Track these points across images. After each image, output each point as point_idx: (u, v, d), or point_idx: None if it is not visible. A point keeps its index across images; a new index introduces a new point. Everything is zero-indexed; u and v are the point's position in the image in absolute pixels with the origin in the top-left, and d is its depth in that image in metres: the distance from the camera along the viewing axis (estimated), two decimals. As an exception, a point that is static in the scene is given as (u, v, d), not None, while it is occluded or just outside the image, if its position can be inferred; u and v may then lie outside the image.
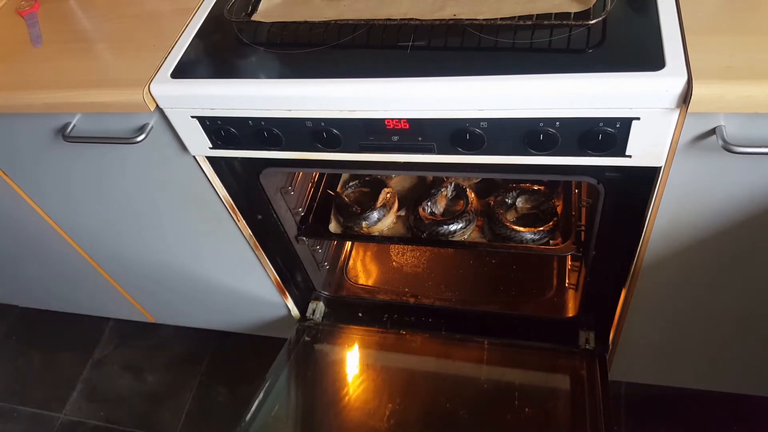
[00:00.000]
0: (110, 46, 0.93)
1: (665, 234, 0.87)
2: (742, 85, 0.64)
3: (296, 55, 0.83)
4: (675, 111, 0.69)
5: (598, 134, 0.74)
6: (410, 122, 0.79)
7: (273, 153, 0.89)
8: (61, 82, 0.88)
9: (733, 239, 0.85)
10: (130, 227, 1.18)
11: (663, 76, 0.67)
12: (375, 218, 1.22)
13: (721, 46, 0.68)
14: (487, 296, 1.35)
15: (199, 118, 0.85)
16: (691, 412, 1.29)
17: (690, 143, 0.73)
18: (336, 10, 0.85)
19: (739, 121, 0.69)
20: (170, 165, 0.97)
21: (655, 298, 1.01)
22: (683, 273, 0.94)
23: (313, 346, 1.30)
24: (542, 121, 0.74)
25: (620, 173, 0.81)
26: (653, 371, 1.25)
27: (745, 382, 1.20)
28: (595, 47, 0.73)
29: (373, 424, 1.13)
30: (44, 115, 0.93)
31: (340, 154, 0.87)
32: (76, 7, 1.04)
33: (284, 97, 0.80)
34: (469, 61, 0.76)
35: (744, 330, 1.03)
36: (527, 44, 0.75)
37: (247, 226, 1.11)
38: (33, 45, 0.97)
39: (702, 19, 0.72)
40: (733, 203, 0.80)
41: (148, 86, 0.83)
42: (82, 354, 1.70)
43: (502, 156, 0.81)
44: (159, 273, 1.33)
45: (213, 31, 0.90)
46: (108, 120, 0.91)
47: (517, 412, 1.10)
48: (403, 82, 0.75)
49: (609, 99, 0.70)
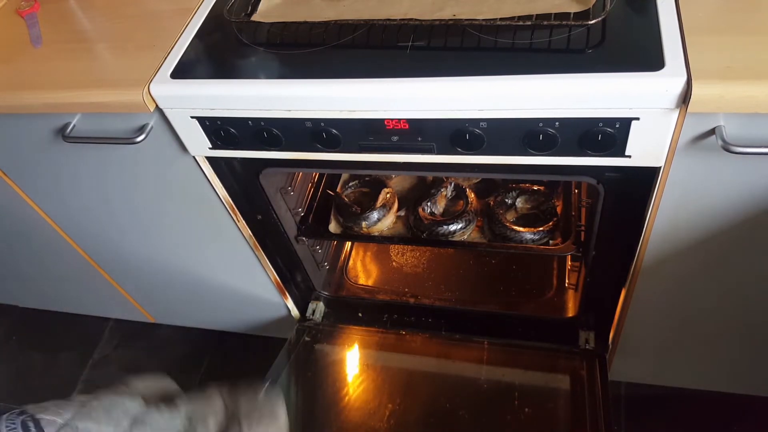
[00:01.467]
0: (110, 46, 0.93)
1: (665, 234, 0.87)
2: (741, 85, 0.64)
3: (296, 56, 0.83)
4: (674, 111, 0.69)
5: (598, 134, 0.74)
6: (410, 122, 0.79)
7: (273, 153, 0.89)
8: (60, 83, 0.88)
9: (732, 239, 0.85)
10: (129, 227, 1.18)
11: (662, 77, 0.67)
12: (375, 218, 1.22)
13: (721, 47, 0.68)
14: (487, 296, 1.35)
15: (199, 118, 0.85)
16: (691, 412, 1.29)
17: (689, 143, 0.73)
18: (336, 11, 0.85)
19: (739, 121, 0.69)
20: (170, 165, 0.97)
21: (655, 298, 1.01)
22: (683, 273, 0.94)
23: (313, 346, 1.30)
24: (542, 121, 0.74)
25: (620, 173, 0.81)
26: (653, 371, 1.25)
27: (745, 382, 1.20)
28: (595, 47, 0.73)
29: (374, 424, 1.13)
30: (44, 116, 0.93)
31: (340, 155, 0.87)
32: (76, 7, 1.04)
33: (284, 98, 0.80)
34: (468, 61, 0.77)
35: (744, 330, 1.03)
36: (527, 44, 0.75)
37: (246, 227, 1.11)
38: (33, 45, 0.97)
39: (701, 19, 0.72)
40: (732, 203, 0.80)
41: (148, 86, 0.83)
42: (82, 354, 1.70)
43: (501, 156, 0.81)
44: (159, 273, 1.33)
45: (213, 32, 0.90)
46: (108, 120, 0.91)
47: (517, 412, 1.10)
48: (402, 83, 0.75)
49: (608, 99, 0.70)
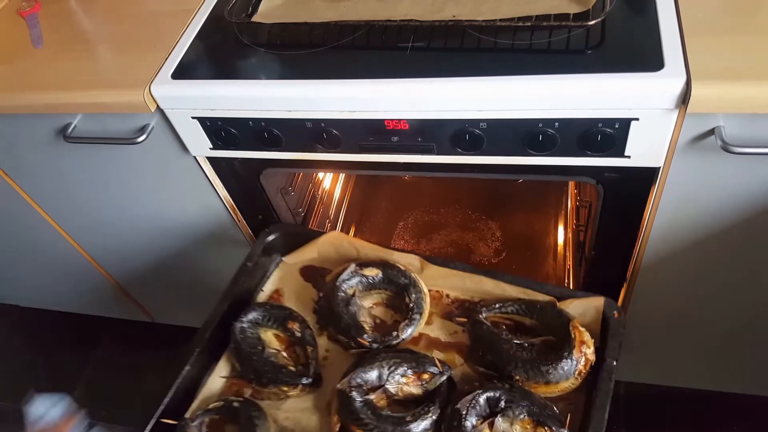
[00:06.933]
0: (111, 46, 0.94)
1: (664, 234, 0.87)
2: (740, 85, 0.65)
3: (296, 56, 0.83)
4: (674, 111, 0.69)
5: (597, 135, 0.74)
6: (410, 123, 0.79)
7: (273, 153, 0.89)
8: (61, 83, 0.88)
9: (731, 239, 0.85)
10: (130, 228, 1.19)
11: (662, 77, 0.67)
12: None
13: (720, 47, 0.69)
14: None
15: (200, 118, 0.86)
16: (691, 412, 1.29)
17: (689, 144, 0.73)
18: (336, 11, 0.85)
19: (738, 121, 0.69)
20: (171, 166, 0.98)
21: (654, 298, 1.01)
22: (682, 273, 0.94)
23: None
24: (541, 121, 0.74)
25: (619, 174, 0.82)
26: (653, 371, 1.25)
27: (744, 382, 1.20)
28: (594, 48, 0.73)
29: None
30: (45, 116, 0.93)
31: (340, 155, 0.87)
32: (77, 7, 1.04)
33: (284, 98, 0.80)
34: (468, 61, 0.77)
35: (743, 330, 1.04)
36: (526, 45, 0.76)
37: (247, 227, 1.11)
38: (34, 46, 0.97)
39: (701, 20, 0.72)
40: (731, 203, 0.80)
41: (149, 87, 0.83)
42: (82, 354, 1.71)
43: (501, 156, 0.81)
44: (159, 273, 1.33)
45: (213, 32, 0.91)
46: (109, 120, 0.91)
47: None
48: (402, 83, 0.75)
49: (608, 100, 0.70)
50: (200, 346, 0.83)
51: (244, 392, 0.83)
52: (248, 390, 0.82)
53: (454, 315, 0.85)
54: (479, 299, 0.85)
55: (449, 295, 0.88)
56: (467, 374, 0.80)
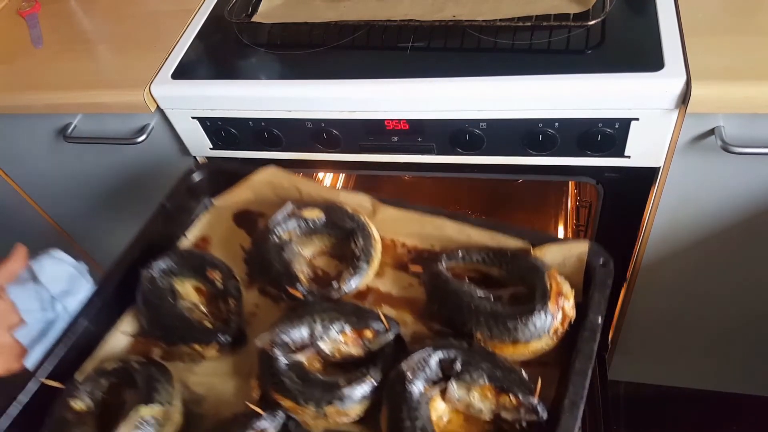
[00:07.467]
0: (111, 46, 0.94)
1: (664, 233, 0.87)
2: (740, 85, 0.65)
3: (296, 56, 0.83)
4: (674, 111, 0.69)
5: (597, 135, 0.74)
6: (410, 123, 0.79)
7: (273, 154, 0.89)
8: (62, 83, 0.89)
9: (731, 239, 0.85)
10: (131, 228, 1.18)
11: (662, 77, 0.67)
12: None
13: (720, 47, 0.69)
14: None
15: (200, 118, 0.86)
16: (691, 412, 1.29)
17: (689, 144, 0.73)
18: (336, 11, 0.85)
19: (738, 121, 0.69)
20: (171, 166, 0.98)
21: (654, 298, 1.01)
22: (682, 272, 0.94)
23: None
24: (541, 121, 0.74)
25: (619, 173, 0.82)
26: (653, 371, 1.25)
27: (744, 382, 1.20)
28: (594, 48, 0.73)
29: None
30: (45, 116, 0.93)
31: (340, 155, 0.87)
32: (77, 8, 1.04)
33: (284, 98, 0.80)
34: (468, 61, 0.77)
35: (743, 329, 1.04)
36: (526, 45, 0.76)
37: (247, 227, 1.11)
38: (34, 46, 0.97)
39: (701, 20, 0.72)
40: (731, 203, 0.80)
41: (149, 87, 0.83)
42: (83, 354, 1.70)
43: (501, 156, 0.81)
44: (159, 273, 1.33)
45: (213, 32, 0.91)
46: (109, 121, 0.91)
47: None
48: (402, 83, 0.75)
49: (608, 100, 0.70)
50: (102, 297, 0.68)
51: (153, 352, 0.68)
52: (158, 350, 0.68)
53: (410, 266, 0.70)
54: (440, 248, 0.70)
55: (405, 244, 0.72)
56: (421, 333, 0.65)
